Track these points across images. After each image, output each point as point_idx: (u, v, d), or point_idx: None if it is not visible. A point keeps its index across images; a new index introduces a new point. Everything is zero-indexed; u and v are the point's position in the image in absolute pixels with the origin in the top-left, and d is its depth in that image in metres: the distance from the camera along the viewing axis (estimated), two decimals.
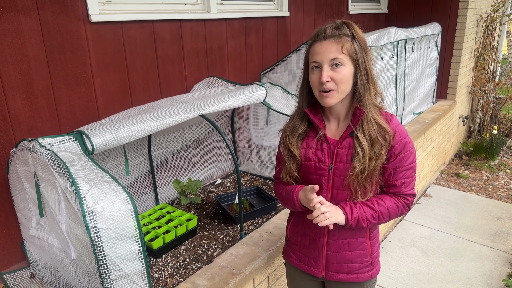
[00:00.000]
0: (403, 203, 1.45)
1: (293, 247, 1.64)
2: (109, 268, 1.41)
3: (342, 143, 1.40)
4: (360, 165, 1.34)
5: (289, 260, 1.66)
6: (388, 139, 1.36)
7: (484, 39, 5.28)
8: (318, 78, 1.32)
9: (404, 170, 1.41)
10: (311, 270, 1.58)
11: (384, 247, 3.43)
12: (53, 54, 2.01)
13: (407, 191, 1.44)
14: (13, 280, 1.93)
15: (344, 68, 1.31)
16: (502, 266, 3.16)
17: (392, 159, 1.40)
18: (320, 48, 1.32)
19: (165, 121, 1.93)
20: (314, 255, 1.55)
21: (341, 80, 1.31)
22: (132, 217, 1.44)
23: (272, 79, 3.17)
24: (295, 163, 1.46)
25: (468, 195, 4.39)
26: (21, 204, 1.89)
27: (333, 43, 1.31)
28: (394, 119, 1.42)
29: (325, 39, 1.32)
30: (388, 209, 1.42)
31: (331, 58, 1.30)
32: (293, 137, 1.46)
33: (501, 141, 5.24)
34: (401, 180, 1.42)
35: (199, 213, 2.52)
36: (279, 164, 1.58)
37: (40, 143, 1.57)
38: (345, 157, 1.39)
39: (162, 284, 1.86)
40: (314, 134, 1.45)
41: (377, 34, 3.31)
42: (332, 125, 1.45)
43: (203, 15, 2.75)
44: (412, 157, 1.42)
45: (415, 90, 4.25)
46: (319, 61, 1.32)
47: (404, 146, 1.39)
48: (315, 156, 1.43)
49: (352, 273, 1.53)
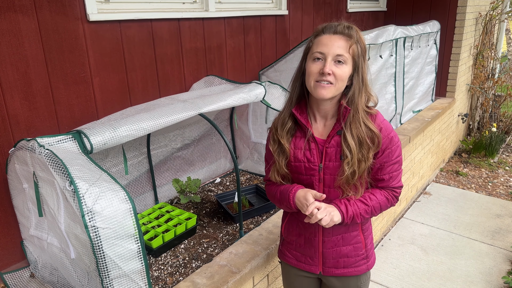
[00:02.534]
0: (392, 196, 1.49)
1: (289, 247, 1.64)
2: (108, 267, 1.41)
3: (330, 142, 1.41)
4: (349, 168, 1.36)
5: (285, 259, 1.66)
6: (376, 143, 1.38)
7: (483, 37, 5.28)
8: (319, 68, 1.32)
9: (391, 164, 1.44)
10: (308, 267, 1.59)
11: (383, 245, 3.44)
12: (51, 54, 2.01)
13: (395, 184, 1.48)
14: (12, 279, 1.93)
15: (345, 67, 1.33)
16: (502, 263, 3.16)
17: (380, 155, 1.42)
18: (329, 40, 1.32)
19: (164, 120, 1.92)
20: (310, 253, 1.56)
21: (341, 77, 1.32)
22: (131, 216, 1.44)
23: (271, 78, 3.17)
24: (284, 157, 1.46)
25: (468, 193, 4.39)
26: (20, 204, 1.89)
27: (343, 40, 1.32)
28: (378, 115, 1.44)
29: (336, 33, 1.33)
30: (379, 203, 1.46)
31: (338, 53, 1.31)
32: (283, 130, 1.45)
33: (501, 139, 5.25)
34: (389, 174, 1.46)
35: (199, 212, 2.52)
36: (268, 165, 1.57)
37: (39, 142, 1.56)
38: (334, 155, 1.40)
39: (161, 283, 1.86)
40: (301, 134, 1.46)
41: (376, 32, 3.31)
42: (319, 124, 1.46)
43: (202, 14, 2.74)
44: (398, 151, 1.45)
45: (414, 88, 4.25)
46: (325, 52, 1.31)
47: (390, 141, 1.42)
48: (304, 157, 1.44)
49: (349, 267, 1.55)
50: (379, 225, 3.42)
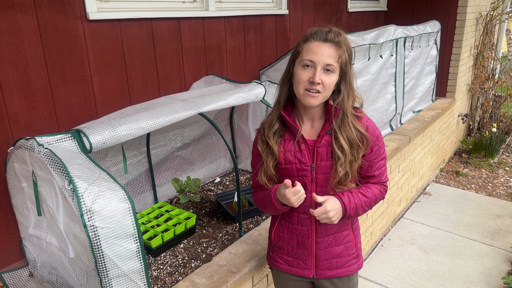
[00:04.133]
0: (383, 189, 1.55)
1: (280, 252, 1.62)
2: (107, 266, 1.40)
3: (321, 142, 1.42)
4: (343, 169, 1.38)
5: (276, 265, 1.64)
6: (365, 144, 1.42)
7: (483, 37, 5.27)
8: (309, 77, 1.33)
9: (379, 160, 1.49)
10: (301, 272, 1.58)
11: (383, 245, 3.43)
12: (50, 53, 2.00)
13: (384, 178, 1.54)
14: (11, 279, 1.92)
15: (333, 76, 1.35)
16: (502, 264, 3.16)
17: (369, 152, 1.45)
18: (319, 49, 1.32)
19: (164, 119, 1.92)
20: (303, 256, 1.56)
21: (329, 86, 1.35)
22: (130, 216, 1.43)
23: (271, 77, 3.16)
24: (273, 159, 1.46)
25: (468, 193, 4.39)
26: (19, 203, 1.88)
27: (333, 49, 1.33)
28: (364, 116, 1.47)
29: (326, 41, 1.33)
30: (375, 196, 1.50)
31: (327, 63, 1.32)
32: (270, 131, 1.46)
33: (501, 139, 5.24)
34: (379, 170, 1.50)
35: (198, 212, 2.51)
36: (254, 170, 1.56)
37: (38, 141, 1.56)
38: (325, 155, 1.42)
39: (161, 282, 1.86)
40: (290, 136, 1.47)
41: (376, 32, 3.30)
42: (306, 126, 1.48)
43: (202, 13, 2.74)
44: (383, 147, 1.50)
45: (415, 88, 4.25)
46: (315, 61, 1.32)
47: (377, 138, 1.46)
48: (295, 158, 1.44)
49: (341, 267, 1.56)
50: (379, 225, 3.42)
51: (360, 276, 3.04)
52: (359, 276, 3.04)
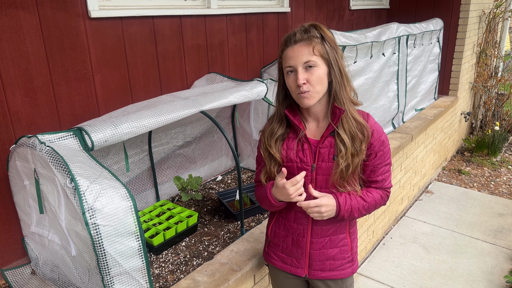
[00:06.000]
0: (385, 195, 1.54)
1: (275, 249, 1.63)
2: (109, 264, 1.41)
3: (323, 143, 1.42)
4: (344, 162, 1.38)
5: (271, 261, 1.65)
6: (366, 134, 1.41)
7: (486, 35, 5.25)
8: (294, 81, 1.35)
9: (384, 165, 1.48)
10: (294, 270, 1.59)
11: (385, 243, 3.43)
12: (52, 51, 2.00)
13: (387, 184, 1.52)
14: (14, 276, 1.93)
15: (317, 69, 1.34)
16: (504, 262, 3.15)
17: (373, 157, 1.45)
18: (292, 52, 1.34)
19: (165, 117, 1.92)
20: (297, 254, 1.56)
21: (316, 81, 1.34)
22: (132, 214, 1.43)
23: (273, 75, 3.15)
24: (276, 165, 1.47)
25: (470, 192, 4.38)
26: (21, 201, 1.89)
27: (304, 46, 1.33)
28: (370, 117, 1.46)
29: (296, 43, 1.34)
30: (375, 201, 1.49)
31: (304, 61, 1.32)
32: (272, 139, 1.47)
33: (503, 138, 5.22)
34: (382, 175, 1.49)
35: (200, 210, 2.52)
36: (259, 167, 1.58)
37: (40, 139, 1.56)
38: (327, 156, 1.42)
39: (162, 280, 1.86)
40: (294, 135, 1.47)
41: (379, 29, 3.29)
42: (311, 125, 1.47)
43: (204, 11, 2.73)
44: (389, 153, 1.49)
45: (417, 86, 4.23)
46: (293, 65, 1.34)
47: (382, 143, 1.45)
48: (297, 157, 1.44)
49: (334, 270, 1.55)
50: (381, 223, 3.41)
51: (362, 275, 3.04)
52: (361, 275, 3.04)
